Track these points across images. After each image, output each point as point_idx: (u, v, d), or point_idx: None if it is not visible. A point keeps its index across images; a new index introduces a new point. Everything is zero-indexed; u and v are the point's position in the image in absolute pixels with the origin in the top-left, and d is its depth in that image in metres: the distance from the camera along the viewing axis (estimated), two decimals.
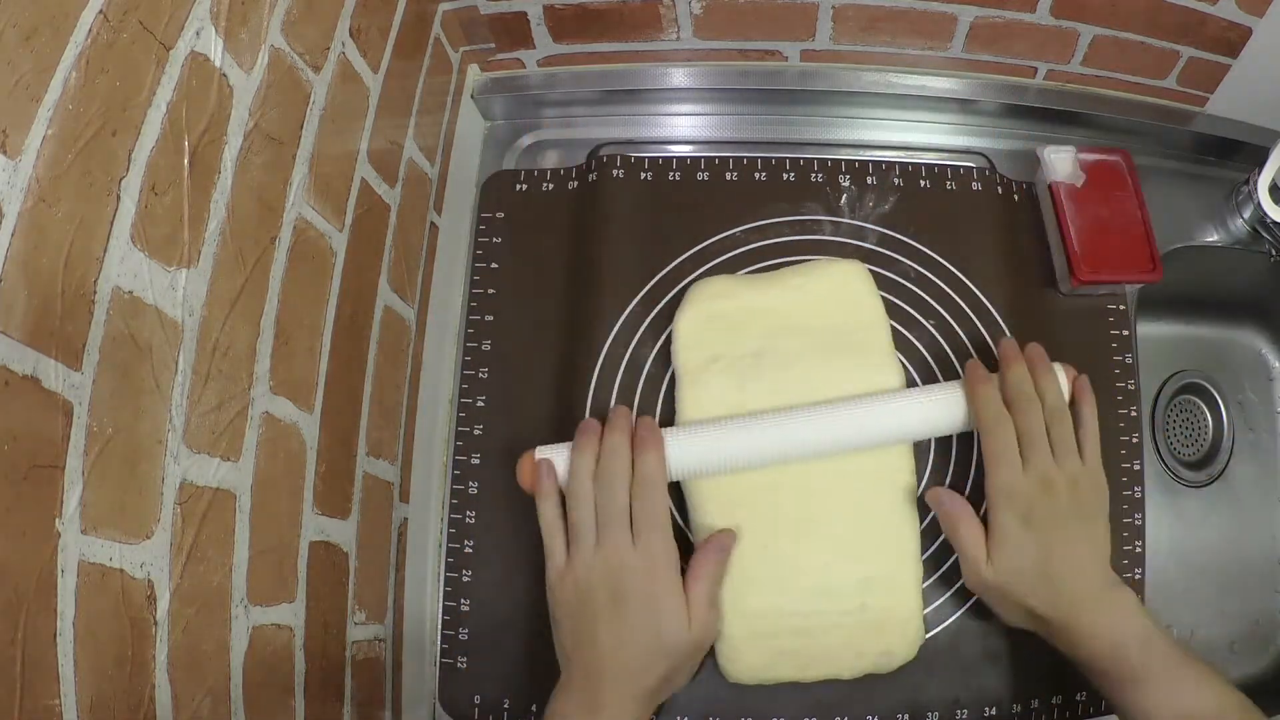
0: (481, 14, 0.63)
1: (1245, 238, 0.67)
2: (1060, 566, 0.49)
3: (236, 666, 0.38)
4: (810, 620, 0.53)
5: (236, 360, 0.38)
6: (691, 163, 0.65)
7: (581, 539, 0.49)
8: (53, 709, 0.28)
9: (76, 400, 0.29)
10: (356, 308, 0.50)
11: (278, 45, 0.41)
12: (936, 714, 0.55)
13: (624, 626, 0.47)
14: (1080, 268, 0.61)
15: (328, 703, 0.47)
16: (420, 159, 0.59)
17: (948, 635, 0.56)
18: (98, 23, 0.30)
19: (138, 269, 0.32)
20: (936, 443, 0.59)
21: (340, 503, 0.49)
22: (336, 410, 0.47)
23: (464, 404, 0.61)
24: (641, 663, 0.47)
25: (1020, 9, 0.61)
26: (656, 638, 0.48)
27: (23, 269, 0.27)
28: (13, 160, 0.27)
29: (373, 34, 0.50)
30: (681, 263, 0.62)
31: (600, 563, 0.49)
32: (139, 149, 0.32)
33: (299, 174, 0.43)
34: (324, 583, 0.46)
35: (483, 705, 0.57)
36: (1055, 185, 0.63)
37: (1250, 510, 0.76)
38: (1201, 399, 0.78)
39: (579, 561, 0.49)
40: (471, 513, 0.60)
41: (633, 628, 0.47)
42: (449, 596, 0.58)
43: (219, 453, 0.37)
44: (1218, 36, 0.61)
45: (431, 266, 0.62)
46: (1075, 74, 0.67)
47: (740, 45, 0.66)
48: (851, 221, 0.64)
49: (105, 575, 0.30)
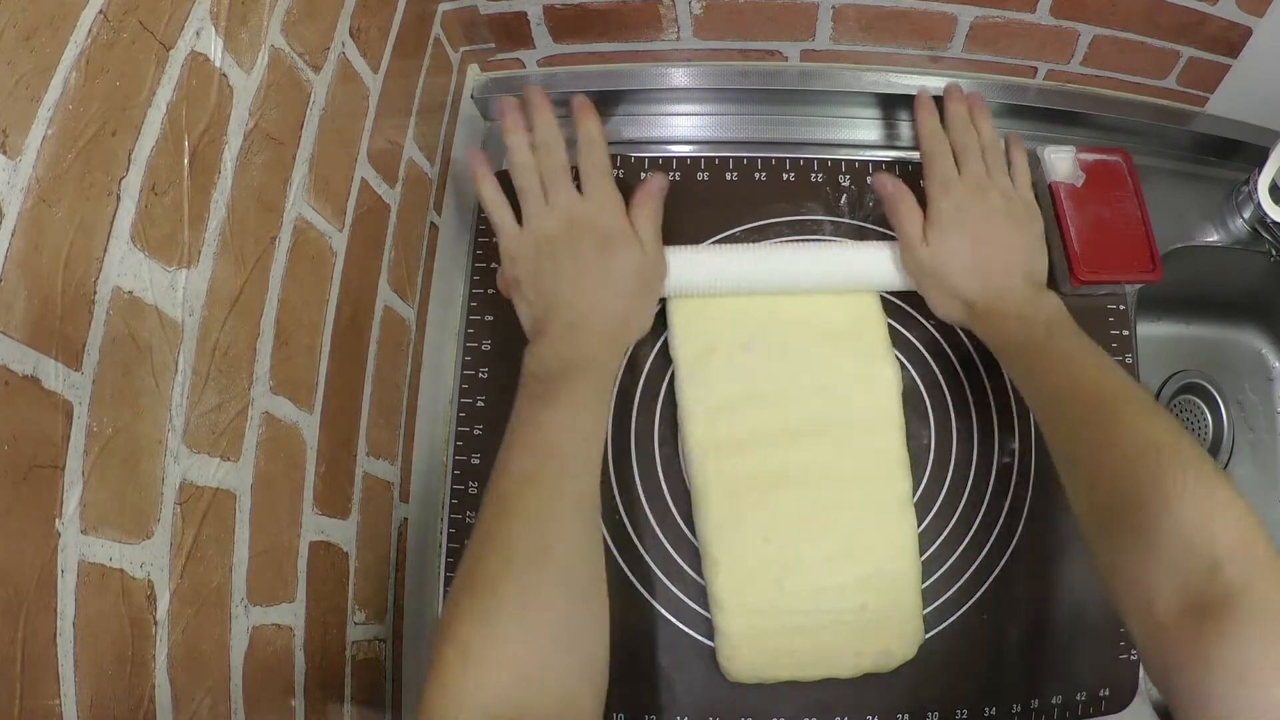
0: (481, 14, 0.63)
1: (1245, 238, 0.67)
2: (990, 255, 0.53)
3: (236, 666, 0.38)
4: (810, 619, 0.53)
5: (236, 360, 0.38)
6: (691, 163, 0.65)
7: (531, 200, 0.53)
8: (53, 709, 0.28)
9: (76, 400, 0.29)
10: (356, 308, 0.50)
11: (278, 45, 0.41)
12: (936, 714, 0.55)
13: (584, 263, 0.51)
14: (1080, 268, 0.60)
15: (328, 703, 0.47)
16: (420, 159, 0.59)
17: (948, 635, 0.56)
18: (98, 23, 0.30)
19: (138, 269, 0.32)
20: (937, 443, 0.59)
21: (340, 503, 0.49)
22: (336, 410, 0.47)
23: (464, 404, 0.61)
24: (605, 293, 0.52)
25: (1020, 9, 0.61)
26: (614, 269, 0.52)
27: (23, 269, 0.27)
28: (13, 160, 0.27)
29: (373, 34, 0.50)
30: None
31: (553, 214, 0.53)
32: (139, 149, 0.32)
33: (299, 174, 0.43)
34: (324, 583, 0.46)
35: None
36: (1055, 185, 0.63)
37: None
38: (1201, 399, 0.78)
39: (533, 220, 0.53)
40: (471, 513, 0.59)
41: (591, 263, 0.52)
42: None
43: (219, 453, 0.37)
44: (1218, 36, 0.61)
45: (431, 266, 0.62)
46: (1075, 74, 0.67)
47: (740, 45, 0.66)
48: (851, 221, 0.64)
49: (105, 575, 0.30)
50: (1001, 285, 0.53)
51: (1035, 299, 0.52)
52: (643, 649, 0.55)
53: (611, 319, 0.52)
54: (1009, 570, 0.57)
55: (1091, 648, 0.57)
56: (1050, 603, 0.57)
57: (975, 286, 0.53)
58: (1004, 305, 0.52)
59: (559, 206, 0.53)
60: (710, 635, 0.55)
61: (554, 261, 0.52)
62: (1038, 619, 0.57)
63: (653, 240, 0.54)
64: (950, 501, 0.58)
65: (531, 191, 0.53)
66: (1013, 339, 0.51)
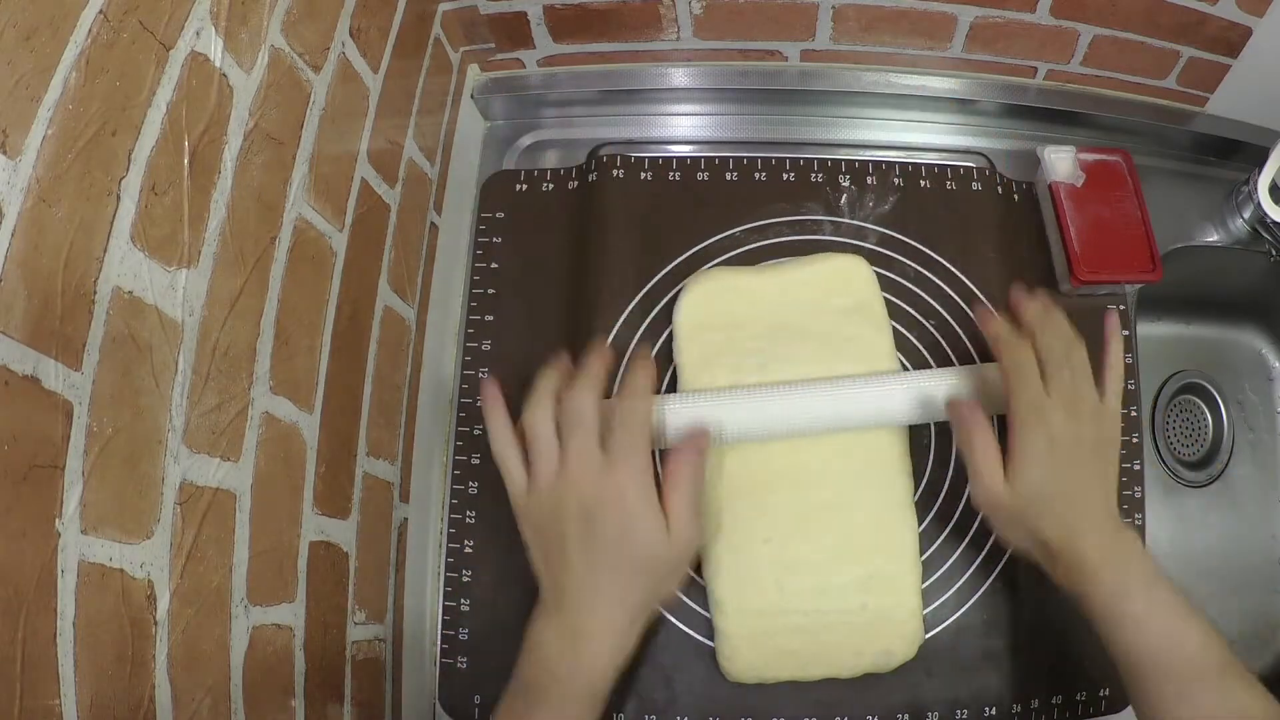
0: (481, 14, 0.63)
1: (1245, 238, 0.67)
2: (1076, 494, 0.47)
3: (236, 666, 0.38)
4: (810, 619, 0.53)
5: (236, 360, 0.38)
6: (691, 163, 0.65)
7: (543, 454, 0.45)
8: (52, 709, 0.28)
9: (76, 400, 0.29)
10: (356, 308, 0.50)
11: (278, 45, 0.41)
12: (936, 714, 0.55)
13: (598, 546, 0.44)
14: (1080, 268, 0.61)
15: (328, 703, 0.47)
16: (420, 159, 0.59)
17: (948, 635, 0.56)
18: (98, 23, 0.30)
19: (138, 269, 0.32)
20: (936, 447, 0.59)
21: (340, 503, 0.49)
22: (336, 410, 0.47)
23: (464, 404, 0.61)
24: (620, 583, 0.44)
25: (1020, 9, 0.61)
26: (634, 556, 0.44)
27: (23, 269, 0.27)
28: (13, 160, 0.27)
29: (373, 34, 0.50)
30: (681, 263, 0.62)
31: (566, 481, 0.44)
32: (139, 149, 0.32)
33: (299, 174, 0.43)
34: (324, 583, 0.46)
35: (483, 705, 0.57)
36: (1055, 185, 0.63)
37: (1250, 510, 0.76)
38: (1201, 399, 0.78)
39: (542, 478, 0.45)
40: (471, 513, 0.60)
41: (607, 547, 0.44)
42: (449, 596, 0.58)
43: (219, 453, 0.37)
44: (1218, 36, 0.61)
45: (431, 266, 0.62)
46: (1075, 74, 0.67)
47: (740, 45, 0.66)
48: (851, 221, 0.64)
49: (105, 575, 0.30)
50: (1085, 525, 0.47)
51: (1118, 542, 0.47)
52: (643, 649, 0.55)
53: (621, 622, 0.45)
54: (1009, 570, 0.57)
55: (1091, 648, 0.57)
56: (1050, 603, 0.57)
57: (1062, 535, 0.47)
58: (1089, 551, 0.46)
59: (572, 470, 0.44)
60: (710, 635, 0.55)
61: (562, 544, 0.45)
62: (1038, 619, 0.57)
63: (684, 522, 0.45)
64: (950, 501, 0.58)
65: (543, 442, 0.45)
66: (1101, 594, 0.46)
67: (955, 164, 0.66)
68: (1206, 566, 0.73)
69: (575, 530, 0.44)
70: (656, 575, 0.46)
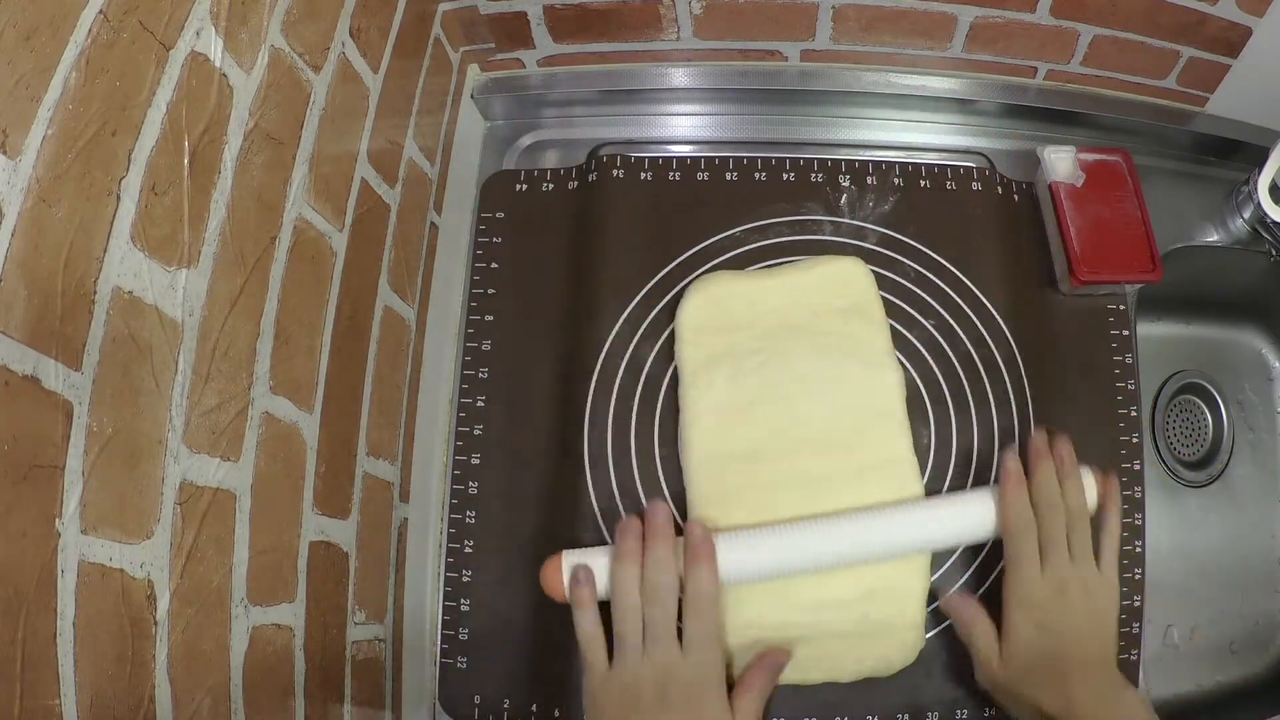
0: (481, 14, 0.63)
1: (1245, 238, 0.67)
2: (1070, 667, 0.49)
3: (236, 666, 0.38)
4: (809, 630, 0.53)
5: (236, 360, 0.38)
6: (691, 163, 0.65)
7: (628, 648, 0.48)
8: (52, 709, 0.28)
9: (76, 400, 0.29)
10: (356, 308, 0.50)
11: (278, 45, 0.41)
12: (936, 714, 0.55)
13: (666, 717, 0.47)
14: (1080, 268, 0.61)
15: (328, 703, 0.47)
16: (420, 159, 0.59)
17: (948, 636, 0.56)
18: (98, 23, 0.30)
19: (138, 269, 0.32)
20: (937, 443, 0.59)
21: (340, 503, 0.49)
22: (336, 410, 0.47)
23: (464, 404, 0.61)
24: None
25: (1020, 9, 0.61)
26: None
27: (23, 269, 0.27)
28: (13, 160, 0.27)
29: (373, 34, 0.50)
30: (681, 263, 0.62)
31: (648, 668, 0.48)
32: (139, 149, 0.32)
33: (299, 174, 0.43)
34: (324, 583, 0.46)
35: (483, 705, 0.57)
36: (1055, 185, 0.63)
37: (1250, 510, 0.76)
38: (1201, 399, 0.78)
39: (626, 668, 0.48)
40: (471, 513, 0.60)
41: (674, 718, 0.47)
42: (449, 596, 0.58)
43: (219, 453, 0.37)
44: (1218, 36, 0.61)
45: (431, 266, 0.62)
46: (1075, 74, 0.67)
47: (740, 45, 0.66)
48: (851, 221, 0.64)
49: (105, 575, 0.30)
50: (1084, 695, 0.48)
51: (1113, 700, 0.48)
52: None
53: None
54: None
55: None
56: None
57: (1057, 703, 0.48)
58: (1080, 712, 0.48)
59: (656, 663, 0.48)
60: None
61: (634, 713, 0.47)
62: None
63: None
64: None
65: (630, 639, 0.48)
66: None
67: (955, 164, 0.66)
68: (1206, 566, 0.73)
69: (649, 701, 0.47)
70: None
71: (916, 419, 0.58)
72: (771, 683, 0.51)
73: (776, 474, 0.54)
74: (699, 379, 0.56)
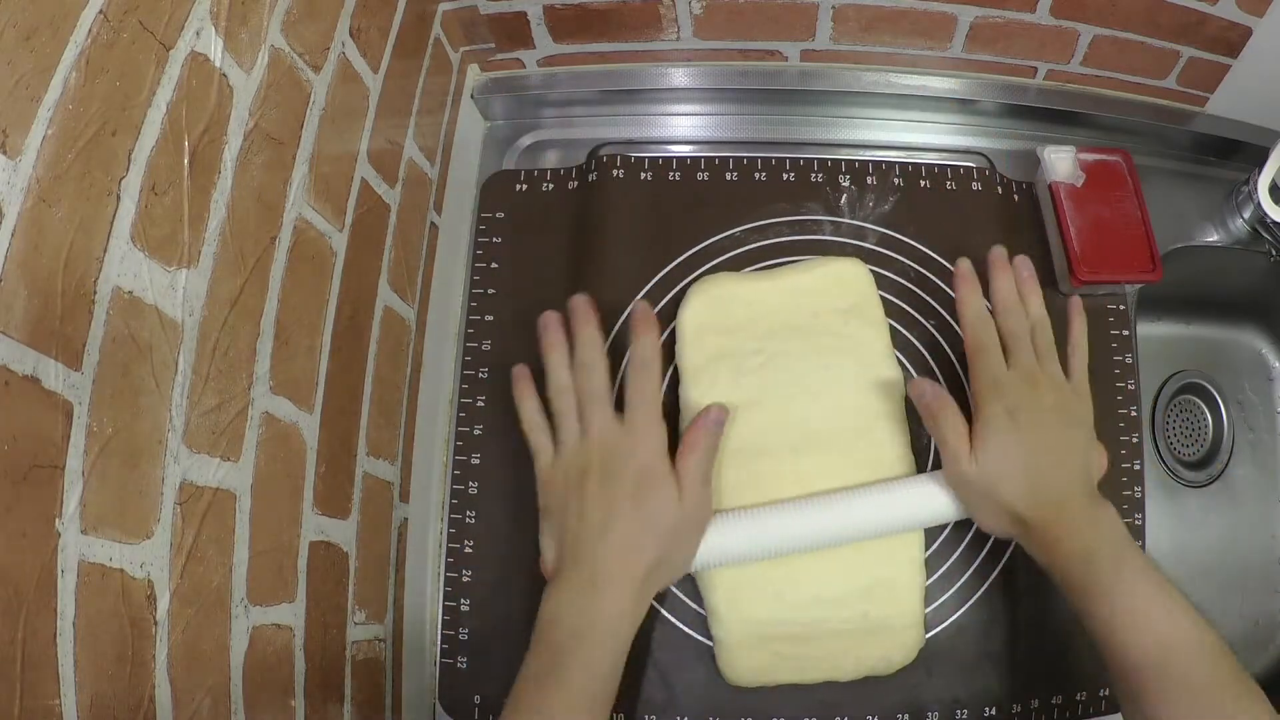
0: (481, 14, 0.63)
1: (1245, 238, 0.67)
2: (1044, 466, 0.48)
3: (236, 666, 0.38)
4: (809, 629, 0.53)
5: (236, 360, 0.38)
6: (691, 163, 0.65)
7: (566, 427, 0.49)
8: (52, 709, 0.28)
9: (76, 400, 0.29)
10: (356, 308, 0.50)
11: (278, 45, 0.41)
12: (936, 714, 0.55)
13: (614, 496, 0.47)
14: (1080, 268, 0.61)
15: (328, 703, 0.47)
16: (420, 159, 0.59)
17: (948, 635, 0.56)
18: (98, 23, 0.30)
19: (138, 269, 0.32)
20: (936, 452, 0.59)
21: (340, 503, 0.49)
22: (336, 410, 0.47)
23: (464, 404, 0.61)
24: (633, 542, 0.47)
25: (1020, 9, 0.61)
26: (647, 510, 0.47)
27: (23, 269, 0.27)
28: (13, 160, 0.27)
29: (373, 34, 0.50)
30: (681, 263, 0.62)
31: (588, 441, 0.48)
32: (139, 149, 0.32)
33: (299, 174, 0.43)
34: (324, 583, 0.46)
35: (483, 705, 0.57)
36: (1055, 185, 0.63)
37: (1250, 510, 0.76)
38: (1201, 399, 0.78)
39: (566, 449, 0.49)
40: (471, 513, 0.60)
41: (622, 506, 0.47)
42: (449, 596, 0.58)
43: (219, 453, 0.37)
44: (1218, 36, 0.61)
45: (431, 266, 0.62)
46: (1075, 74, 0.67)
47: (740, 45, 0.66)
48: (851, 221, 0.64)
49: (105, 575, 0.30)
50: (1058, 499, 0.47)
51: (1094, 516, 0.47)
52: (643, 649, 0.55)
53: (636, 572, 0.46)
54: (1009, 570, 0.57)
55: (1091, 648, 0.57)
56: (1050, 603, 0.57)
57: (1029, 502, 0.47)
58: (1061, 525, 0.46)
59: (594, 436, 0.48)
60: (710, 635, 0.55)
61: (581, 501, 0.47)
62: (1038, 619, 0.57)
63: (697, 487, 0.49)
64: None
65: (567, 416, 0.49)
66: (1075, 572, 0.45)
67: (955, 164, 0.66)
68: (1206, 566, 0.73)
69: (593, 484, 0.47)
70: (667, 534, 0.48)
71: (916, 419, 0.58)
72: (715, 440, 0.50)
73: (777, 473, 0.55)
74: (700, 379, 0.56)
